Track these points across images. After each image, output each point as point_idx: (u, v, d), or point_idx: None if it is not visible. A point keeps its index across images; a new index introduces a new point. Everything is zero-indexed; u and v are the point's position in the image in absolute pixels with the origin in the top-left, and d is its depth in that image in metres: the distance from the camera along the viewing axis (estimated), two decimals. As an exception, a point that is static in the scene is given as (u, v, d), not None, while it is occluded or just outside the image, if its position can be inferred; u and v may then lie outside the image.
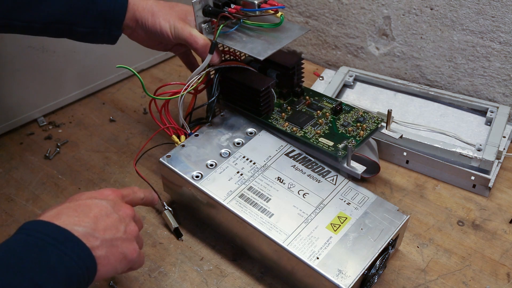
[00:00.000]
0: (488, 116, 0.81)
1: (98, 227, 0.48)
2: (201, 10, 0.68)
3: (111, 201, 0.52)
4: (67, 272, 0.43)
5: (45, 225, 0.45)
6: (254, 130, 0.73)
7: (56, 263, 0.43)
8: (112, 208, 0.51)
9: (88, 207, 0.49)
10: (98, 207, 0.49)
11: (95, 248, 0.46)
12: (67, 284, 0.43)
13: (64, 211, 0.48)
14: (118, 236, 0.49)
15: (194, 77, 0.70)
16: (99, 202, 0.50)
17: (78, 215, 0.47)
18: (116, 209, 0.51)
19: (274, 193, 0.64)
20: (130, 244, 0.51)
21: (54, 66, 0.88)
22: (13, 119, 0.88)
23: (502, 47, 0.81)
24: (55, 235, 0.45)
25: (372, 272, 0.58)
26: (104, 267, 0.47)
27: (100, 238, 0.47)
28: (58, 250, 0.44)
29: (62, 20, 0.66)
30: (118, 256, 0.49)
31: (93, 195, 0.52)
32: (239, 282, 0.65)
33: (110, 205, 0.51)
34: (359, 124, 0.71)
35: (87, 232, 0.46)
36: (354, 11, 0.94)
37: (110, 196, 0.53)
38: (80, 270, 0.45)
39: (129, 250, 0.51)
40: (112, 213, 0.50)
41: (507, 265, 0.66)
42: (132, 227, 0.52)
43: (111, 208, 0.50)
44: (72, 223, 0.46)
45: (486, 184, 0.73)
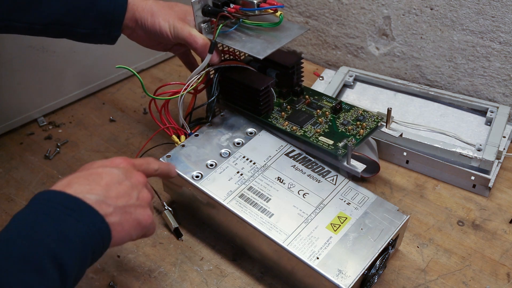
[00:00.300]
0: (488, 116, 0.81)
1: (110, 194, 0.47)
2: (201, 9, 0.68)
3: (123, 169, 0.51)
4: (81, 240, 0.43)
5: (57, 194, 0.45)
6: (254, 130, 0.73)
7: (70, 230, 0.43)
8: (124, 175, 0.50)
9: (99, 175, 0.49)
10: (109, 175, 0.49)
11: (108, 215, 0.46)
12: (82, 251, 0.43)
13: (75, 180, 0.47)
14: (131, 203, 0.49)
15: (193, 77, 0.70)
16: (110, 170, 0.50)
17: (90, 184, 0.47)
18: (128, 177, 0.51)
19: (274, 193, 0.64)
20: (144, 210, 0.51)
21: (54, 66, 0.88)
22: (13, 119, 0.88)
23: (502, 47, 0.81)
24: (67, 203, 0.44)
25: (372, 272, 0.58)
26: (118, 234, 0.47)
27: (113, 205, 0.47)
28: (71, 218, 0.43)
29: (62, 21, 0.66)
30: (132, 223, 0.49)
31: (105, 163, 0.51)
32: (239, 282, 0.65)
33: (121, 173, 0.50)
34: (359, 123, 0.71)
35: (100, 200, 0.46)
36: (354, 11, 0.94)
37: (121, 164, 0.52)
38: (94, 237, 0.44)
39: (143, 216, 0.50)
40: (124, 181, 0.50)
41: (507, 265, 0.66)
42: (145, 194, 0.52)
43: (123, 176, 0.50)
44: (84, 191, 0.46)
45: (486, 184, 0.73)
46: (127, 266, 0.66)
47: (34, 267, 0.40)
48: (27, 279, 0.39)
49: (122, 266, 0.66)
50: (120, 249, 0.68)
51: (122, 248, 0.68)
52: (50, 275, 0.41)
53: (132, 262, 0.67)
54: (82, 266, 0.44)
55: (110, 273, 0.66)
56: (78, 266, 0.43)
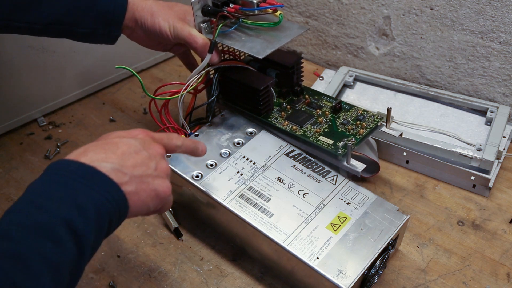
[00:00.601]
0: (488, 116, 0.81)
1: (126, 163, 0.46)
2: (200, 9, 0.68)
3: (141, 140, 0.50)
4: (97, 208, 0.43)
5: (70, 163, 0.44)
6: (254, 130, 0.73)
7: (84, 199, 0.42)
8: (142, 145, 0.49)
9: (116, 144, 0.48)
10: (126, 145, 0.48)
11: (123, 183, 0.45)
12: (98, 220, 0.43)
13: (91, 149, 0.46)
14: (148, 173, 0.48)
15: (193, 77, 0.70)
16: (127, 140, 0.49)
17: (105, 152, 0.46)
18: (145, 147, 0.50)
19: (274, 193, 0.64)
20: (162, 180, 0.49)
21: (54, 66, 0.88)
22: (13, 119, 0.88)
23: (502, 47, 0.81)
24: (81, 172, 0.44)
25: (372, 272, 0.58)
26: (135, 204, 0.46)
27: (129, 174, 0.46)
28: (86, 187, 0.43)
29: (62, 21, 0.66)
30: (149, 193, 0.48)
31: (122, 134, 0.51)
32: (239, 282, 0.65)
33: (139, 143, 0.49)
34: (359, 123, 0.71)
35: (115, 168, 0.45)
36: (354, 11, 0.94)
37: (139, 135, 0.52)
38: (111, 205, 0.44)
39: (162, 187, 0.49)
40: (141, 150, 0.49)
41: (507, 265, 0.66)
42: (164, 164, 0.51)
43: (140, 146, 0.49)
44: (99, 160, 0.45)
45: (486, 184, 0.73)
46: (127, 266, 0.66)
47: (48, 235, 0.40)
48: (42, 247, 0.39)
49: (122, 266, 0.66)
50: (120, 249, 0.68)
51: (122, 248, 0.68)
52: (66, 243, 0.40)
53: (132, 262, 0.67)
54: (99, 235, 0.43)
55: (110, 273, 0.66)
56: (94, 235, 0.43)
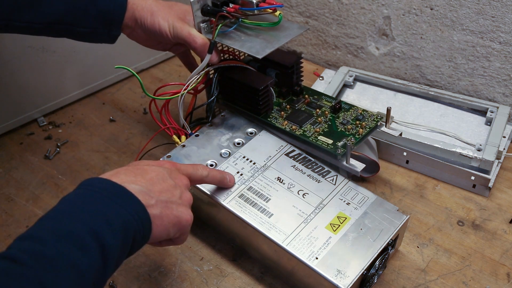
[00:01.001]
0: (488, 116, 0.81)
1: (153, 188, 0.50)
2: (200, 9, 0.68)
3: (168, 169, 0.54)
4: (123, 224, 0.45)
5: (102, 181, 0.47)
6: (254, 130, 0.73)
7: (113, 214, 0.45)
8: (169, 175, 0.53)
9: (145, 170, 0.51)
10: (154, 172, 0.51)
11: (150, 206, 0.48)
12: (124, 235, 0.45)
13: (122, 171, 0.50)
14: (173, 200, 0.51)
15: (193, 77, 0.70)
16: (156, 168, 0.52)
17: (135, 176, 0.50)
18: (172, 176, 0.53)
19: (273, 193, 0.64)
20: (185, 209, 0.52)
21: (54, 66, 0.88)
22: (13, 119, 0.88)
23: (502, 47, 0.81)
24: (112, 190, 0.46)
25: (371, 272, 0.58)
26: (158, 227, 0.49)
27: (155, 198, 0.49)
28: (115, 204, 0.45)
29: (62, 21, 0.66)
30: (172, 219, 0.50)
31: (151, 163, 0.54)
32: (239, 282, 0.65)
33: (166, 172, 0.53)
34: (358, 122, 0.71)
35: (143, 191, 0.48)
36: (354, 11, 0.94)
37: (166, 165, 0.55)
38: (136, 223, 0.46)
39: (185, 215, 0.52)
40: (168, 179, 0.52)
41: (507, 265, 0.66)
42: (188, 195, 0.54)
43: (167, 174, 0.52)
44: (129, 181, 0.48)
45: (486, 184, 0.73)
46: (127, 266, 0.66)
47: (77, 243, 0.42)
48: (70, 253, 0.41)
49: (122, 266, 0.66)
50: (120, 249, 0.68)
51: (122, 248, 0.68)
52: (92, 253, 0.42)
53: (132, 262, 0.67)
54: (123, 251, 0.45)
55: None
56: (119, 250, 0.45)
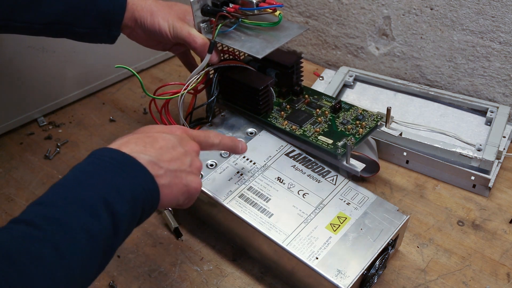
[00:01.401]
0: (488, 116, 0.81)
1: (163, 157, 0.50)
2: (200, 9, 0.68)
3: (179, 136, 0.53)
4: (132, 193, 0.45)
5: (113, 151, 0.47)
6: (254, 130, 0.73)
7: (122, 183, 0.45)
8: (179, 142, 0.52)
9: (155, 139, 0.51)
10: (164, 140, 0.51)
11: (158, 176, 0.48)
12: (132, 204, 0.45)
13: (132, 140, 0.49)
14: (182, 168, 0.51)
15: (193, 77, 0.70)
16: (166, 135, 0.52)
17: (145, 145, 0.49)
18: (182, 144, 0.53)
19: (274, 193, 0.64)
20: (194, 177, 0.53)
21: (54, 66, 0.88)
22: (13, 119, 0.88)
23: (502, 47, 0.81)
24: (121, 160, 0.47)
25: (371, 272, 0.58)
26: (166, 196, 0.49)
27: (164, 168, 0.49)
28: (124, 173, 0.46)
29: (62, 21, 0.66)
30: (181, 188, 0.51)
31: (163, 129, 0.54)
32: (239, 282, 0.65)
33: (176, 139, 0.52)
34: (358, 122, 0.71)
35: (152, 161, 0.48)
36: (354, 11, 0.94)
37: (177, 131, 0.55)
38: (145, 194, 0.46)
39: (193, 183, 0.52)
40: (178, 147, 0.52)
41: (507, 265, 0.66)
42: (198, 162, 0.54)
43: (177, 142, 0.52)
44: (139, 151, 0.48)
45: (486, 184, 0.73)
46: (127, 266, 0.66)
47: (89, 209, 0.42)
48: (83, 218, 0.42)
49: (122, 266, 0.66)
50: (120, 249, 0.68)
51: (122, 248, 0.68)
52: (103, 220, 0.43)
53: (132, 262, 0.67)
54: (132, 220, 0.46)
55: (110, 273, 0.66)
56: (128, 219, 0.45)
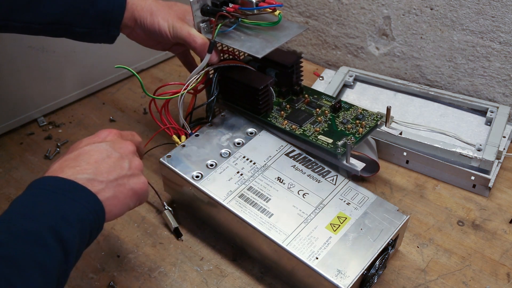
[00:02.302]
0: (488, 116, 0.81)
1: (100, 170, 0.49)
2: (200, 9, 0.68)
3: (110, 142, 0.52)
4: (79, 218, 0.45)
5: (50, 179, 0.47)
6: (254, 130, 0.73)
7: (67, 210, 0.45)
8: (112, 148, 0.51)
9: (88, 153, 0.50)
10: (97, 152, 0.50)
11: (100, 191, 0.48)
12: (80, 229, 0.45)
13: (65, 164, 0.49)
14: (123, 174, 0.50)
15: (193, 76, 0.70)
16: (98, 146, 0.51)
17: (80, 164, 0.48)
18: (116, 148, 0.52)
19: (274, 193, 0.64)
20: (137, 178, 0.52)
21: (54, 66, 0.88)
22: (13, 119, 0.88)
23: (502, 47, 0.81)
24: (61, 186, 0.46)
25: (371, 272, 0.58)
26: (114, 207, 0.49)
27: (105, 181, 0.48)
28: (67, 199, 0.45)
29: (61, 21, 0.66)
30: (127, 193, 0.50)
31: (92, 140, 0.53)
32: (239, 282, 0.65)
33: (109, 146, 0.51)
34: (358, 122, 0.71)
35: (90, 178, 0.48)
36: (354, 11, 0.94)
37: (108, 137, 0.54)
38: (91, 214, 0.46)
39: (138, 185, 0.52)
40: (113, 153, 0.51)
41: (507, 265, 0.66)
42: (137, 161, 0.53)
43: (111, 149, 0.51)
44: (75, 173, 0.47)
45: (486, 184, 0.73)
46: (127, 266, 0.66)
47: (38, 241, 0.42)
48: (33, 251, 0.41)
49: (122, 266, 0.66)
50: (120, 249, 0.68)
51: (122, 248, 0.68)
52: (54, 249, 0.42)
53: (132, 262, 0.67)
54: (81, 243, 0.46)
55: (110, 273, 0.66)
56: (78, 243, 0.45)
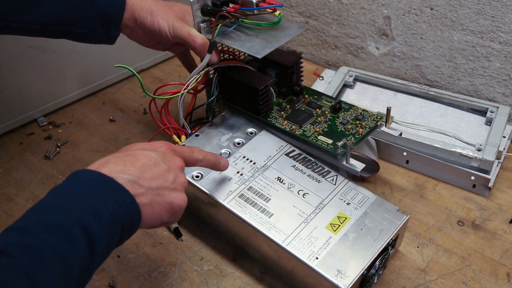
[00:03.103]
0: (488, 116, 0.81)
1: (144, 175, 0.48)
2: (200, 9, 0.68)
3: (161, 153, 0.52)
4: (111, 215, 0.45)
5: (91, 173, 0.47)
6: (254, 130, 0.73)
7: (100, 206, 0.44)
8: (161, 158, 0.51)
9: (136, 157, 0.50)
10: (146, 157, 0.50)
11: (139, 195, 0.47)
12: (111, 226, 0.45)
13: (112, 160, 0.49)
14: (165, 186, 0.50)
15: (193, 76, 0.70)
16: (148, 153, 0.51)
17: (125, 164, 0.48)
18: (165, 160, 0.51)
19: (274, 193, 0.64)
20: (179, 194, 0.51)
21: (54, 66, 0.88)
22: (13, 119, 0.88)
23: (502, 47, 0.81)
24: (100, 181, 0.46)
25: (371, 272, 0.58)
26: (148, 215, 0.48)
27: (146, 186, 0.48)
28: (103, 195, 0.45)
29: (60, 21, 0.66)
30: (164, 205, 0.50)
31: (145, 146, 0.53)
32: (239, 282, 0.65)
33: (159, 156, 0.51)
34: (358, 122, 0.71)
35: (132, 180, 0.47)
36: (354, 11, 0.94)
37: (161, 148, 0.53)
38: (124, 214, 0.46)
39: (178, 200, 0.51)
40: (161, 163, 0.51)
41: (507, 265, 0.66)
42: (182, 178, 0.53)
43: (159, 159, 0.51)
44: (118, 171, 0.47)
45: (486, 184, 0.73)
46: (127, 266, 0.66)
47: (64, 234, 0.42)
48: (57, 244, 0.41)
49: (122, 266, 0.66)
50: (120, 249, 0.68)
51: (122, 248, 0.68)
52: (79, 244, 0.42)
53: (132, 262, 0.67)
54: (110, 241, 0.45)
55: (110, 273, 0.66)
56: (106, 241, 0.45)
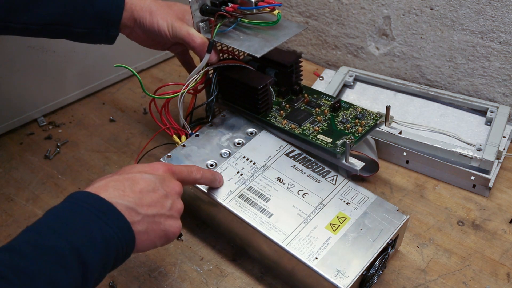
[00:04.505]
0: (488, 116, 0.81)
1: (142, 202, 0.48)
2: (199, 9, 0.68)
3: (160, 176, 0.52)
4: (105, 242, 0.44)
5: (90, 196, 0.46)
6: (254, 130, 0.73)
7: (96, 231, 0.44)
8: (160, 184, 0.51)
9: (136, 181, 0.50)
10: (145, 182, 0.50)
11: (135, 222, 0.47)
12: (105, 253, 0.44)
13: (111, 184, 0.48)
14: (162, 213, 0.50)
15: (193, 76, 0.70)
16: (147, 177, 0.51)
17: (124, 189, 0.48)
18: (163, 185, 0.51)
19: (273, 193, 0.64)
20: (174, 221, 0.51)
21: (54, 66, 0.88)
22: (13, 119, 0.88)
23: (502, 47, 0.81)
24: (98, 206, 0.46)
25: (371, 272, 0.58)
26: (142, 242, 0.48)
27: (143, 214, 0.48)
28: (99, 220, 0.45)
29: (59, 21, 0.66)
30: (159, 233, 0.50)
31: (144, 169, 0.52)
32: (239, 282, 0.65)
33: (158, 180, 0.51)
34: (358, 121, 0.71)
35: (130, 207, 0.47)
36: (354, 11, 0.94)
37: (160, 170, 0.53)
38: (119, 241, 0.45)
39: (172, 228, 0.51)
40: (159, 188, 0.50)
41: (507, 265, 0.66)
42: (179, 204, 0.53)
43: (158, 184, 0.51)
44: (117, 197, 0.47)
45: (486, 184, 0.73)
46: (127, 266, 0.66)
47: (58, 260, 0.41)
48: (51, 269, 0.41)
49: (122, 266, 0.66)
50: (120, 249, 0.68)
51: (122, 248, 0.68)
52: (73, 271, 0.42)
53: (132, 262, 0.67)
54: (104, 268, 0.45)
55: (110, 273, 0.65)
56: (100, 267, 0.44)
